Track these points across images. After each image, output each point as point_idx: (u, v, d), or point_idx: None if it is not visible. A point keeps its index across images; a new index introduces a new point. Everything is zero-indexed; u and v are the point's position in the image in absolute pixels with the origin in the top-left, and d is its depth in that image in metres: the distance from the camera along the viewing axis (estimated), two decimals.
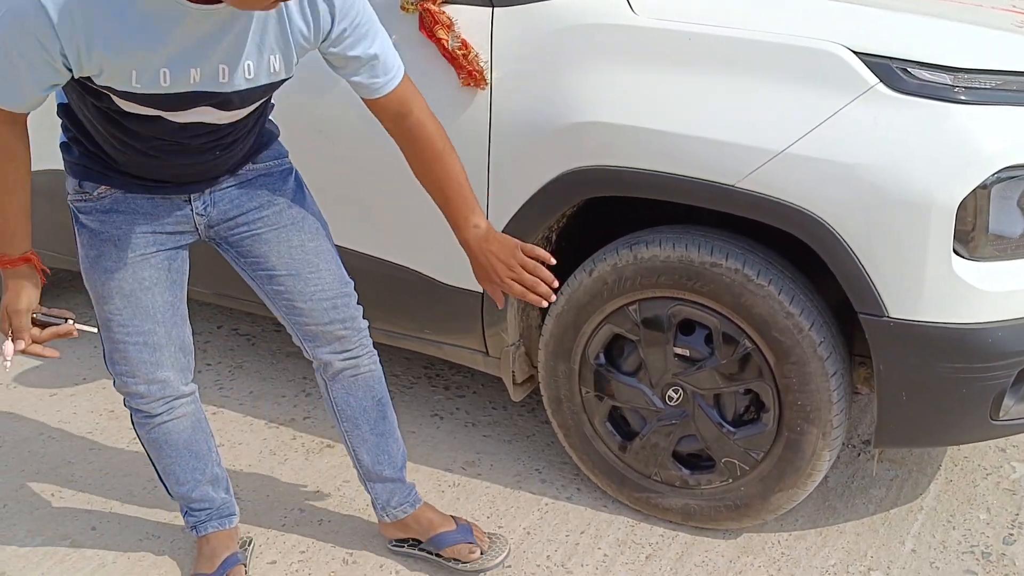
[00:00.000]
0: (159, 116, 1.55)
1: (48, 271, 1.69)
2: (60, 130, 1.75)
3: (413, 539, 2.09)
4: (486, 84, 2.04)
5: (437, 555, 2.05)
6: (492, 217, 2.12)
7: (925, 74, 1.76)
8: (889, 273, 1.79)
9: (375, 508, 2.08)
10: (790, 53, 1.81)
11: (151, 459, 1.96)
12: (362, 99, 1.71)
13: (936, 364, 1.83)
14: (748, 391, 2.03)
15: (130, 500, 2.31)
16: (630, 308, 2.07)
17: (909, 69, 1.76)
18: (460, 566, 2.03)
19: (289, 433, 2.60)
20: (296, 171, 1.90)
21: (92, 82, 1.48)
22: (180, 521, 2.22)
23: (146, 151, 1.64)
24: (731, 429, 2.06)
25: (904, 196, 1.74)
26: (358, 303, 1.93)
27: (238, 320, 3.29)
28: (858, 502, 2.29)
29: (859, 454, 2.48)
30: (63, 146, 1.75)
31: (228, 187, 1.79)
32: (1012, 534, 2.17)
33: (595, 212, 2.20)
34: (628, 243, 2.05)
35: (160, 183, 1.71)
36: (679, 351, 2.05)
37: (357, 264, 2.16)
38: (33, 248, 1.66)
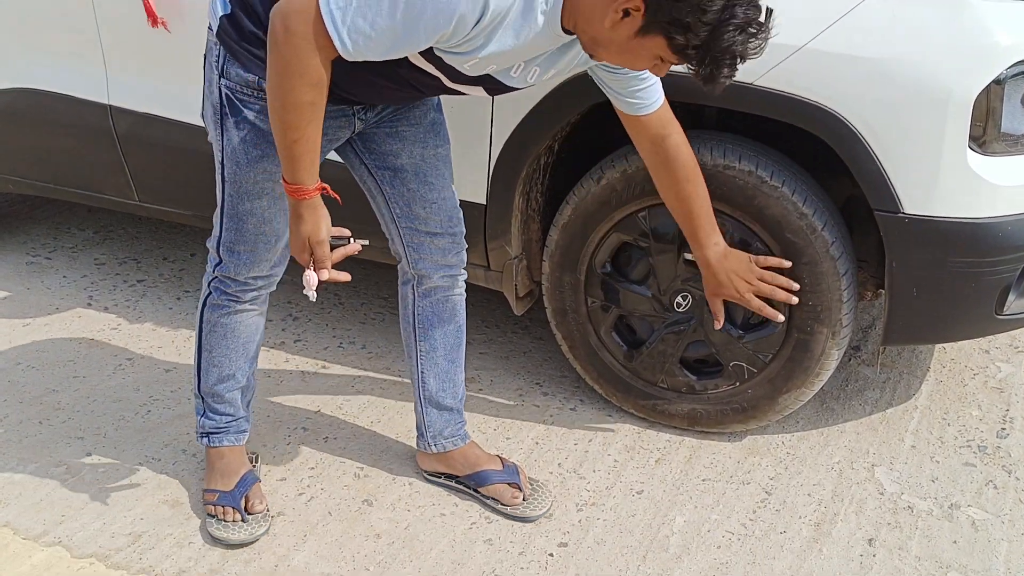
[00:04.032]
0: (432, 75, 1.55)
1: (340, 199, 1.62)
2: (233, 17, 1.62)
3: (450, 474, 2.05)
4: None
5: (476, 491, 2.01)
6: (497, 128, 2.08)
7: None
8: (906, 168, 1.80)
9: (423, 437, 2.04)
10: None
11: (200, 346, 1.94)
12: (623, 118, 1.76)
13: (948, 259, 1.86)
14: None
15: (123, 426, 2.24)
16: (639, 215, 2.06)
17: None
18: (500, 507, 1.98)
19: (282, 356, 2.55)
20: None
21: (430, 50, 1.48)
22: (179, 443, 2.17)
23: (369, 81, 1.60)
24: (740, 332, 2.08)
25: (921, 91, 1.75)
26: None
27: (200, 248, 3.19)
28: (855, 403, 2.34)
29: (849, 359, 2.53)
30: (246, 37, 1.61)
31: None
32: (1004, 428, 2.24)
33: (601, 119, 2.17)
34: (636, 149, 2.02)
35: (340, 97, 1.64)
36: (689, 256, 2.05)
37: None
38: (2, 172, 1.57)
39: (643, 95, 1.71)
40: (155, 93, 2.40)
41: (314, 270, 1.61)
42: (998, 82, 1.76)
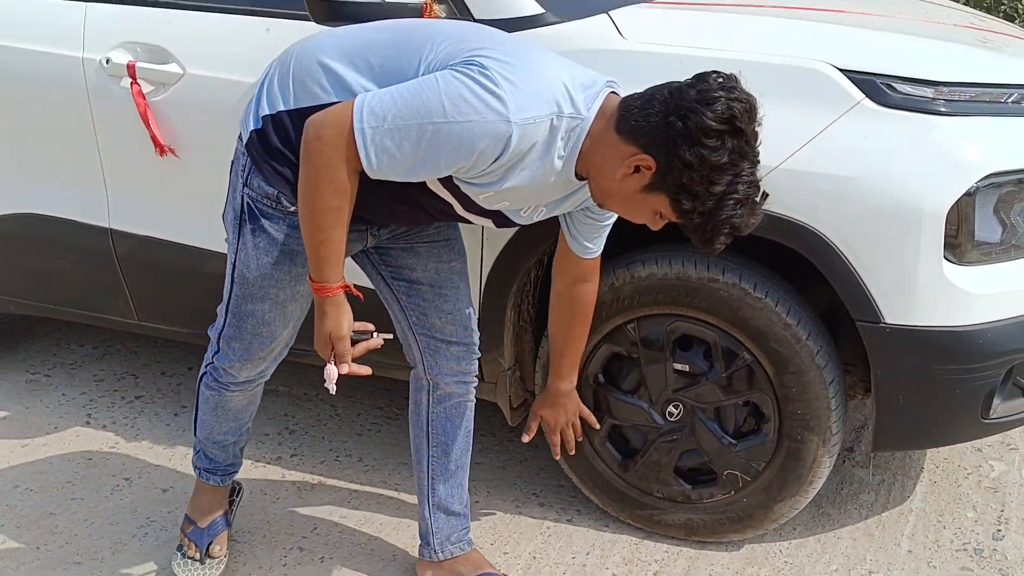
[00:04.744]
0: (444, 200, 1.67)
1: (361, 296, 1.72)
2: (263, 133, 1.70)
3: None
4: None
5: None
6: (489, 240, 2.14)
7: (908, 88, 1.85)
8: (884, 281, 1.86)
9: (428, 545, 2.06)
10: (779, 73, 1.88)
11: (197, 408, 2.07)
12: (559, 254, 1.92)
13: (931, 366, 1.90)
14: (748, 403, 2.08)
15: (120, 550, 2.24)
16: (628, 327, 2.10)
17: (893, 84, 1.85)
18: None
19: (278, 472, 2.56)
20: None
21: (451, 179, 1.60)
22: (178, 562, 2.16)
23: (384, 202, 1.70)
24: (732, 441, 2.10)
25: (895, 206, 1.82)
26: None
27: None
28: (850, 508, 2.35)
29: (844, 461, 2.54)
30: (272, 153, 1.70)
31: None
32: (1000, 530, 2.25)
33: None
34: (624, 263, 2.08)
35: (363, 216, 1.73)
36: (678, 366, 2.09)
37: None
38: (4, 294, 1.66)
39: (596, 244, 1.87)
40: (155, 216, 2.47)
41: (335, 364, 1.68)
42: (969, 194, 1.83)
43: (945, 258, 1.84)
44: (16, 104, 2.52)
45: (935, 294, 1.85)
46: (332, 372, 1.68)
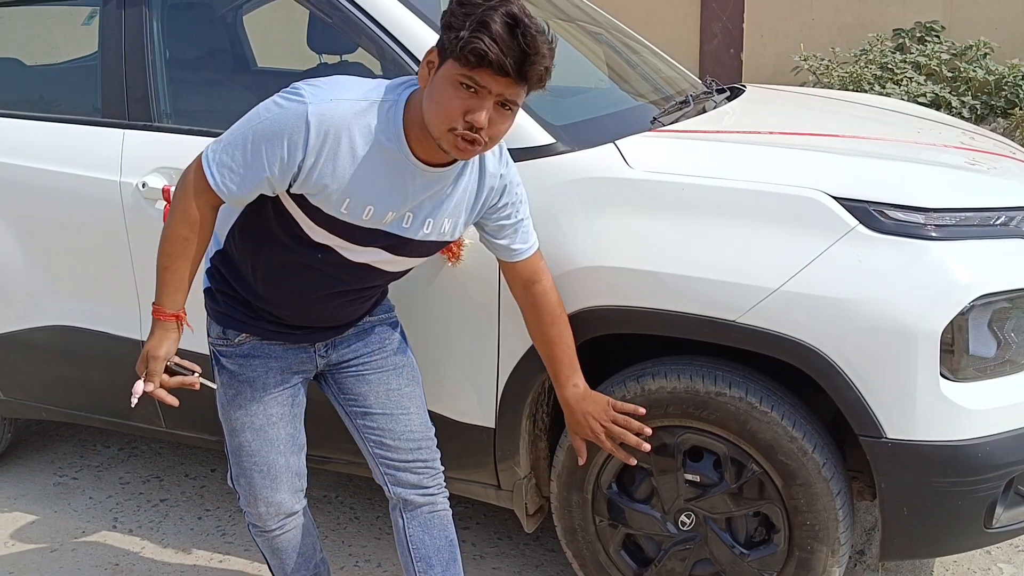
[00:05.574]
0: (334, 250, 1.81)
1: (192, 328, 1.91)
2: (205, 279, 2.00)
3: None
4: (457, 260, 2.19)
5: None
6: (504, 355, 2.24)
7: (899, 215, 1.96)
8: (884, 397, 1.94)
9: None
10: (776, 200, 1.99)
11: (263, 555, 2.18)
12: (500, 262, 2.00)
13: (933, 480, 1.96)
14: (758, 513, 2.14)
15: None
16: (640, 438, 2.18)
17: (885, 211, 1.96)
18: None
19: None
20: (400, 323, 2.13)
21: (304, 198, 1.74)
22: None
23: (301, 291, 1.87)
24: (744, 551, 2.16)
25: (892, 326, 1.90)
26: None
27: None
28: None
29: (855, 564, 2.58)
30: (208, 293, 2.00)
31: (349, 335, 2.03)
32: None
33: (593, 344, 2.32)
34: (635, 375, 2.17)
35: (297, 330, 1.96)
36: (689, 477, 2.16)
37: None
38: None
39: (517, 243, 1.94)
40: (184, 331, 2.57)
41: (144, 381, 1.86)
42: (962, 314, 1.92)
43: (941, 375, 1.92)
44: (56, 223, 2.67)
45: (933, 410, 1.93)
46: (138, 387, 1.85)
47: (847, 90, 5.59)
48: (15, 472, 3.21)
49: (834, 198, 1.97)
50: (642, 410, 2.06)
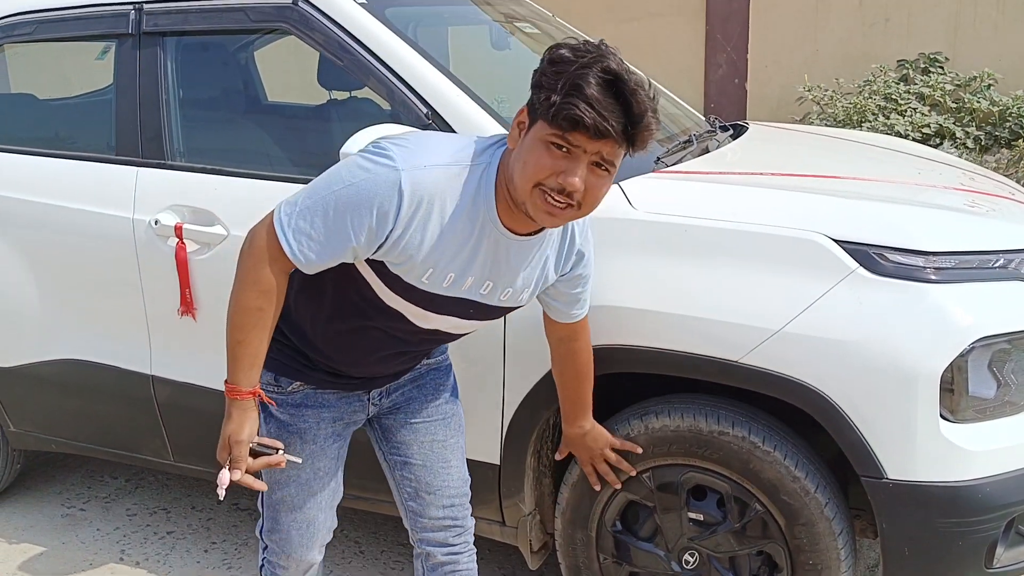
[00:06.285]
0: (405, 317, 1.72)
1: (273, 403, 1.82)
2: None
3: None
4: None
5: None
6: (509, 394, 2.26)
7: (899, 258, 1.98)
8: (884, 438, 1.96)
9: None
10: (778, 243, 2.02)
11: None
12: (545, 319, 1.96)
13: (934, 520, 1.98)
14: (761, 552, 2.16)
15: None
16: (644, 475, 2.20)
17: (885, 254, 1.98)
18: None
19: None
20: (452, 367, 2.08)
21: (383, 265, 1.64)
22: None
23: (363, 351, 1.79)
24: None
25: (892, 368, 1.93)
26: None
27: (237, 494, 3.32)
28: None
29: None
30: None
31: (403, 381, 1.97)
32: None
33: (595, 382, 2.34)
34: (638, 413, 2.19)
35: (353, 380, 1.87)
36: (693, 516, 2.18)
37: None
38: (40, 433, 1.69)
39: (576, 310, 1.91)
40: (194, 365, 2.61)
41: (228, 469, 1.69)
42: (962, 355, 1.94)
43: (942, 416, 1.94)
44: (69, 258, 2.71)
45: (933, 451, 1.95)
46: (224, 477, 1.68)
47: (851, 120, 5.63)
48: (23, 503, 3.24)
49: (835, 241, 2.00)
50: (639, 449, 2.11)
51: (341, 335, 1.78)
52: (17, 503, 3.24)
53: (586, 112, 1.44)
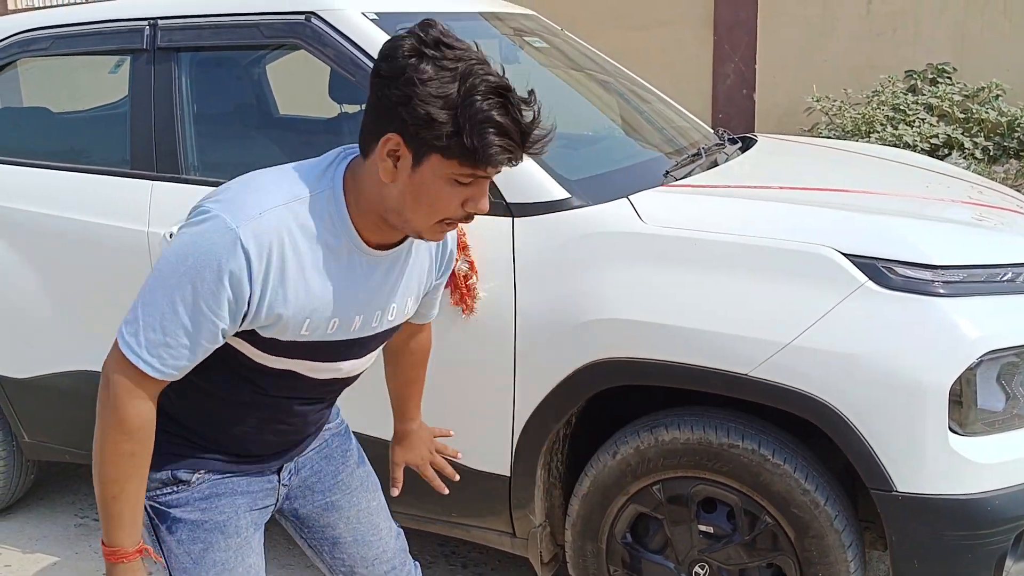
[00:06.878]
0: (297, 374, 1.55)
1: (160, 559, 1.58)
2: None
3: None
4: (471, 312, 2.23)
5: None
6: (520, 405, 2.28)
7: (907, 271, 2.00)
8: (893, 451, 1.97)
9: None
10: (787, 256, 2.04)
11: None
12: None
13: (943, 532, 1.99)
14: (771, 564, 2.17)
15: None
16: (654, 488, 2.21)
17: (893, 268, 2.00)
18: None
19: None
20: (350, 428, 1.92)
21: (254, 333, 1.46)
22: None
23: (260, 422, 1.61)
24: None
25: (901, 381, 1.94)
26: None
27: None
28: None
29: None
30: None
31: (309, 452, 1.78)
32: None
33: (605, 395, 2.36)
34: (648, 426, 2.21)
35: (255, 457, 1.66)
36: (703, 528, 2.19)
37: (384, 452, 2.28)
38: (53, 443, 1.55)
39: (434, 313, 1.82)
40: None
41: None
42: (971, 369, 1.95)
43: (950, 429, 1.95)
44: (84, 271, 2.74)
45: (942, 464, 1.96)
46: None
47: (859, 131, 5.64)
48: (37, 513, 3.26)
49: (844, 255, 2.01)
50: (459, 454, 2.02)
51: (229, 412, 1.59)
52: (30, 513, 3.26)
53: (504, 148, 1.33)
